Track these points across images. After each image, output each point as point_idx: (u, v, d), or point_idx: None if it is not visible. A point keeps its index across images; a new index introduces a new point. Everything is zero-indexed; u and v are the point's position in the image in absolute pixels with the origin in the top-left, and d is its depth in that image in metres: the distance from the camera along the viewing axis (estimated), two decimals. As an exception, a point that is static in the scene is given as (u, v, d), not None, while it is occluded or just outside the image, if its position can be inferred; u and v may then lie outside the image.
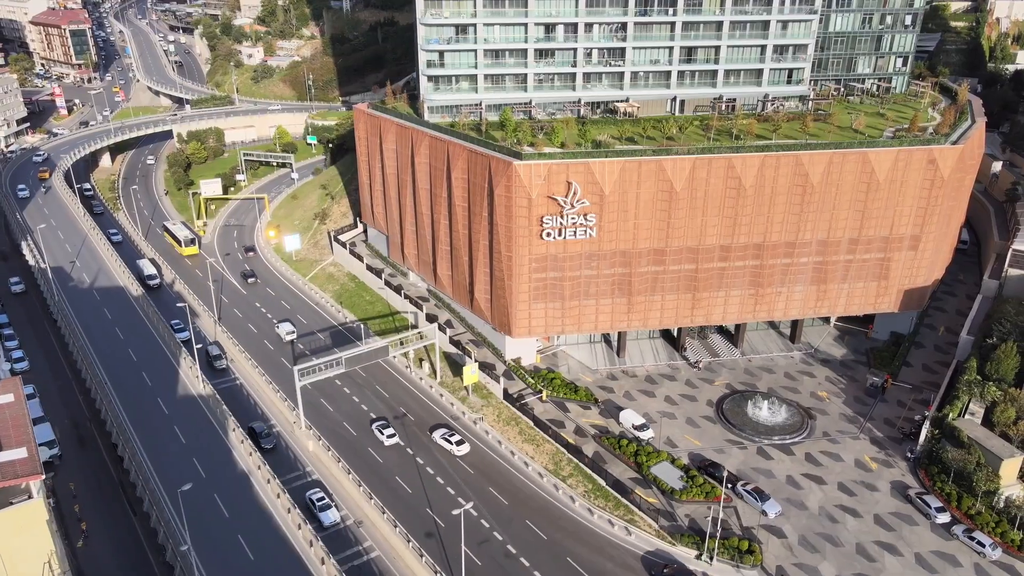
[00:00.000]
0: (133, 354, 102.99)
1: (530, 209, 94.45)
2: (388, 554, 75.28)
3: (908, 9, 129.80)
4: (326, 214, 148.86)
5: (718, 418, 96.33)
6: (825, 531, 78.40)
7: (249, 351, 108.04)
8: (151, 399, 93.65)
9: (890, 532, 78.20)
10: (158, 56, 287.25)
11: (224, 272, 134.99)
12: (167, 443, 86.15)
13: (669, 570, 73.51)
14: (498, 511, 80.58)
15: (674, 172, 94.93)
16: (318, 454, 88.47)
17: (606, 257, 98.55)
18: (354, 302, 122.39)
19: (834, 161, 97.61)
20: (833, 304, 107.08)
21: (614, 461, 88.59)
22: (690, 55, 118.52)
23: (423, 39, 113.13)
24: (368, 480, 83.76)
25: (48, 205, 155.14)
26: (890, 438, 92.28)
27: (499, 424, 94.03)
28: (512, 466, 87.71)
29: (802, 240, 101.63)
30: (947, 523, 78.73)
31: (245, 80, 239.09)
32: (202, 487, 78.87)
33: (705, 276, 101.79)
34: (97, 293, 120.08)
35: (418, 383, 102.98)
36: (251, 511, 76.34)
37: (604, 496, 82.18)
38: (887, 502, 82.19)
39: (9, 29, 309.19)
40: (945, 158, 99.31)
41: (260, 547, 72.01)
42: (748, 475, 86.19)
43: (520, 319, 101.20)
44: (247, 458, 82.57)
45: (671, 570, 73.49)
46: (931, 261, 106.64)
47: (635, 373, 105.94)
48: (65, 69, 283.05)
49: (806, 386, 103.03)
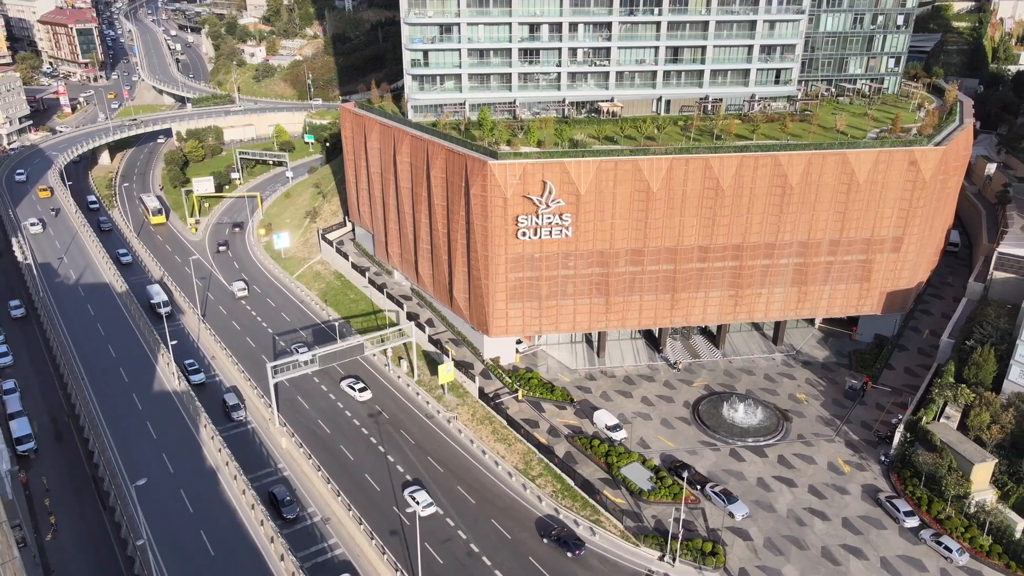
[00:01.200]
0: (112, 350, 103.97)
1: (506, 208, 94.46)
2: (352, 551, 75.57)
3: (900, 9, 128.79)
4: (317, 212, 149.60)
5: (693, 419, 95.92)
6: (792, 534, 77.89)
7: (231, 348, 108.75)
8: (126, 395, 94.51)
9: (857, 536, 77.59)
10: (163, 55, 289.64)
11: (212, 269, 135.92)
12: (138, 438, 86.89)
13: (557, 531, 76.54)
14: (464, 510, 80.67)
15: (651, 172, 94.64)
16: (290, 451, 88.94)
17: (583, 257, 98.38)
18: (339, 300, 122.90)
19: (813, 162, 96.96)
20: (815, 306, 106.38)
21: (585, 461, 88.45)
22: (676, 55, 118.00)
23: (407, 38, 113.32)
24: (337, 477, 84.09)
25: (55, 226, 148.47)
26: (865, 441, 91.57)
27: (473, 423, 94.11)
28: (482, 465, 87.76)
29: (782, 241, 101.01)
30: (915, 527, 78.06)
31: (247, 79, 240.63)
32: (169, 482, 79.60)
33: (684, 277, 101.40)
34: (82, 289, 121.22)
35: (396, 381, 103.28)
36: (215, 506, 76.91)
37: (572, 496, 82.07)
38: (857, 505, 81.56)
39: (19, 28, 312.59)
40: (927, 160, 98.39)
41: (221, 542, 72.54)
42: (719, 477, 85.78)
43: (497, 318, 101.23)
44: (216, 454, 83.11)
45: (559, 532, 76.53)
46: (914, 263, 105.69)
47: (614, 374, 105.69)
48: (72, 68, 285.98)
49: (785, 388, 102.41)
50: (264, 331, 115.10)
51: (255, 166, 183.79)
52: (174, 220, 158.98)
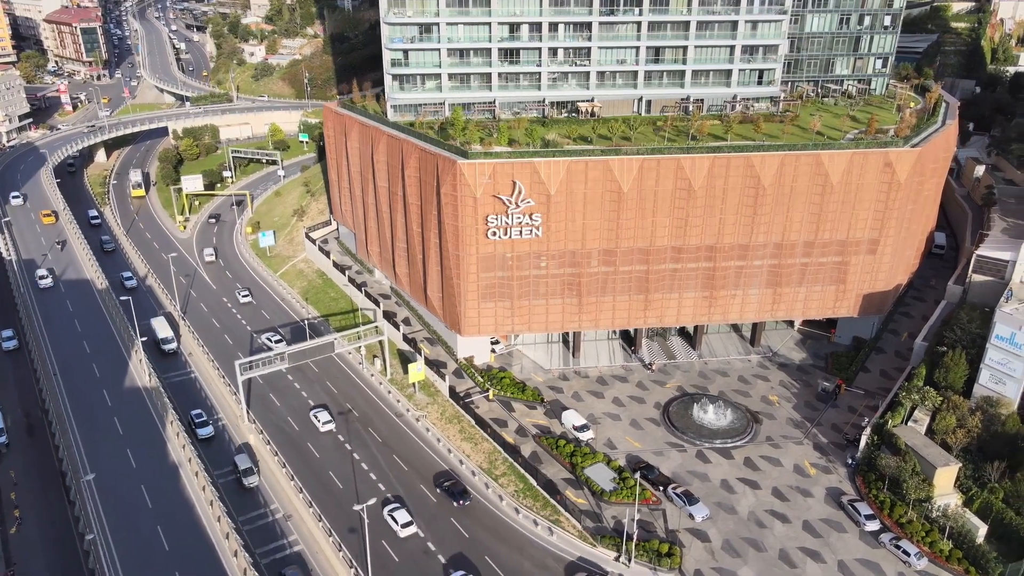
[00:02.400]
0: (87, 346, 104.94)
1: (476, 208, 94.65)
2: (311, 548, 76.03)
3: (887, 10, 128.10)
4: (304, 211, 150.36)
5: (663, 421, 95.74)
6: (751, 536, 77.62)
7: (208, 344, 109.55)
8: (97, 390, 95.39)
9: (817, 539, 77.24)
10: (166, 54, 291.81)
11: (197, 268, 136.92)
12: (105, 434, 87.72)
13: (449, 483, 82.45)
14: (424, 508, 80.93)
15: (621, 172, 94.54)
16: (258, 448, 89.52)
17: (554, 257, 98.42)
18: (319, 298, 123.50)
19: (786, 163, 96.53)
20: (790, 308, 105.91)
21: (551, 461, 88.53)
22: (657, 55, 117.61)
23: (387, 38, 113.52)
24: (301, 474, 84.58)
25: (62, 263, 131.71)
26: (834, 444, 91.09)
27: (441, 422, 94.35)
28: (447, 464, 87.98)
29: (756, 242, 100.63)
30: (876, 531, 77.60)
31: (246, 78, 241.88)
32: (131, 478, 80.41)
33: (657, 277, 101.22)
34: (63, 285, 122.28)
35: (368, 379, 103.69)
36: (174, 502, 77.58)
37: (533, 496, 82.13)
38: (819, 508, 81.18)
39: (25, 27, 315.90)
40: (902, 161, 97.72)
41: (176, 538, 73.20)
42: (683, 478, 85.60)
43: (470, 318, 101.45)
44: (180, 450, 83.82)
45: (451, 484, 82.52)
46: (891, 266, 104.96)
47: (587, 374, 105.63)
48: (76, 66, 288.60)
49: (759, 390, 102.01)
50: (243, 328, 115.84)
51: (248, 165, 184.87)
52: (163, 218, 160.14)
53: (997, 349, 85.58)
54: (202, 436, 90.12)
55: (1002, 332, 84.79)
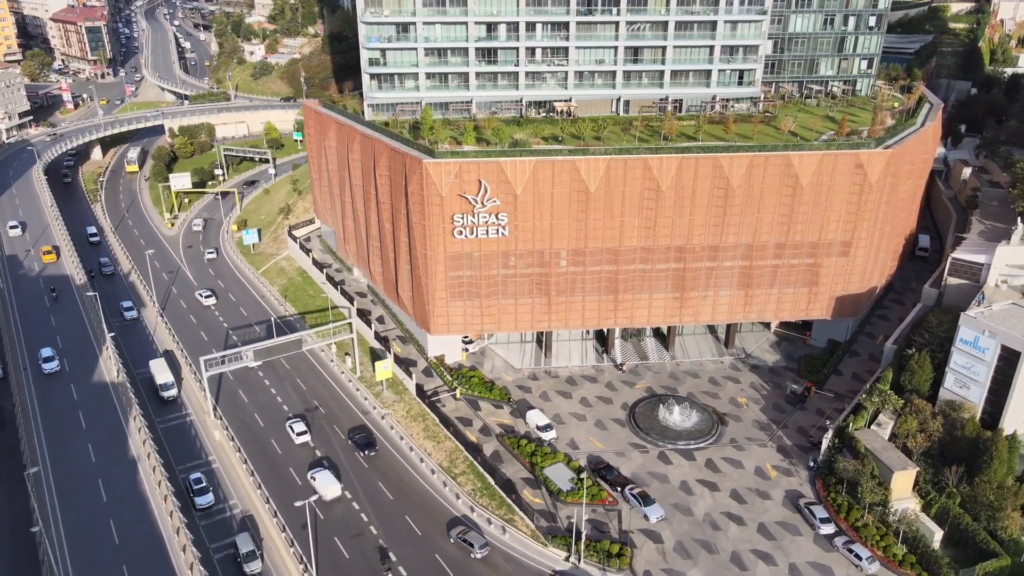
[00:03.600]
0: (60, 340, 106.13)
1: (443, 207, 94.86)
2: (266, 544, 76.49)
3: (872, 10, 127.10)
4: (291, 209, 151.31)
5: (628, 421, 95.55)
6: (705, 538, 77.34)
7: (183, 341, 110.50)
8: (64, 385, 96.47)
9: (771, 541, 76.87)
10: (170, 53, 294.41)
11: (181, 264, 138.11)
12: (68, 427, 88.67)
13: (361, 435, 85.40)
14: (380, 505, 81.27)
15: (588, 173, 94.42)
16: (223, 444, 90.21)
17: (522, 257, 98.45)
18: (297, 296, 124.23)
19: (755, 164, 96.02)
20: (762, 310, 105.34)
21: (512, 461, 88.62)
22: (636, 55, 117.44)
23: (364, 37, 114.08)
24: (262, 471, 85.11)
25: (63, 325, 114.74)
26: (798, 447, 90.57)
27: (406, 420, 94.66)
28: (407, 461, 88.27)
29: (726, 243, 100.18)
30: (831, 534, 77.11)
31: (245, 77, 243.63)
32: (89, 471, 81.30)
33: (626, 278, 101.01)
34: (42, 281, 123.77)
35: (338, 377, 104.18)
36: (129, 496, 78.34)
37: (490, 495, 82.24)
38: (776, 511, 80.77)
39: (33, 26, 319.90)
40: (873, 163, 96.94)
41: (128, 532, 73.93)
42: (642, 479, 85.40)
43: (438, 316, 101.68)
44: (140, 445, 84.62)
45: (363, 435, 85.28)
46: (864, 268, 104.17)
47: (558, 374, 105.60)
48: (81, 64, 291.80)
49: (728, 392, 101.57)
50: (219, 325, 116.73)
51: (241, 163, 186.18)
52: (152, 215, 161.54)
53: (961, 353, 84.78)
54: (201, 506, 79.59)
55: (966, 336, 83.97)
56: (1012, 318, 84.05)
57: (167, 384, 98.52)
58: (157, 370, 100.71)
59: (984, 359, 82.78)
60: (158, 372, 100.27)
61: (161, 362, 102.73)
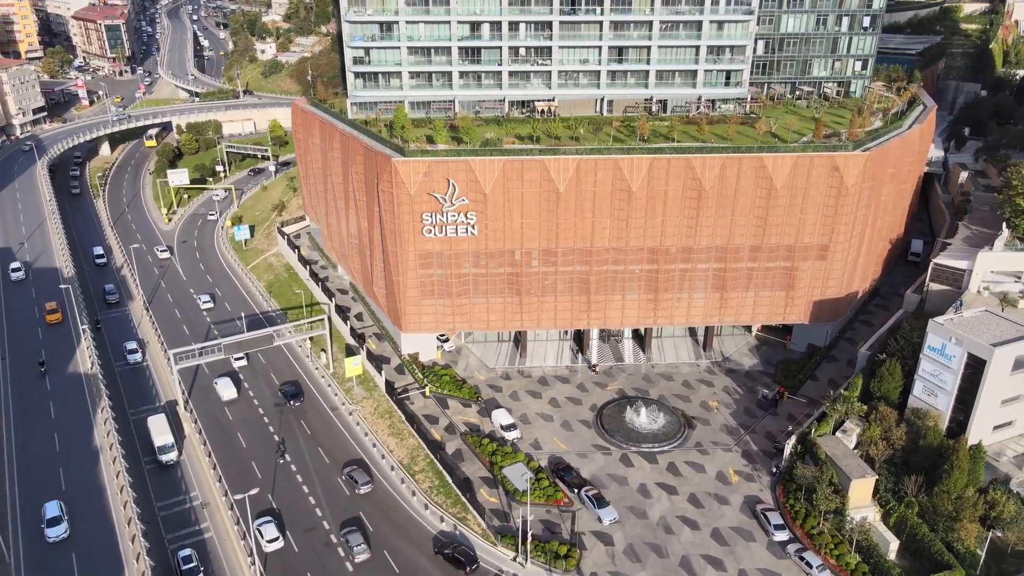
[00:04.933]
0: (40, 332, 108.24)
1: (412, 206, 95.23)
2: (220, 535, 77.39)
3: (866, 11, 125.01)
4: (284, 205, 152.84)
5: (595, 423, 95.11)
6: (656, 541, 76.77)
7: (165, 335, 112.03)
8: (37, 376, 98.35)
9: (723, 547, 76.07)
10: (187, 51, 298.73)
11: (174, 259, 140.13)
12: (37, 417, 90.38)
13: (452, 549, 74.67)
14: (336, 501, 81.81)
15: (557, 173, 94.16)
16: (191, 436, 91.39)
17: (493, 256, 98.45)
18: (282, 292, 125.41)
19: (727, 165, 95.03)
20: (738, 313, 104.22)
21: (473, 459, 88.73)
22: (621, 55, 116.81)
23: (348, 36, 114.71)
24: (224, 464, 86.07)
25: None
26: (764, 452, 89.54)
27: (374, 416, 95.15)
28: (369, 458, 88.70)
29: (699, 245, 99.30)
30: (784, 541, 76.14)
31: (255, 75, 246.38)
32: (52, 460, 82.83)
33: (598, 279, 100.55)
34: (32, 273, 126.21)
35: (312, 372, 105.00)
36: (88, 486, 79.68)
37: (447, 493, 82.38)
38: (733, 516, 79.92)
39: (56, 24, 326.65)
40: (850, 165, 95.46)
41: (81, 521, 75.23)
42: (601, 481, 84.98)
43: (410, 314, 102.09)
44: (103, 437, 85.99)
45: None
46: (843, 272, 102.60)
47: (531, 374, 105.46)
48: (101, 62, 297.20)
49: (701, 395, 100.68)
50: (203, 319, 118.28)
51: (244, 160, 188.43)
52: (152, 210, 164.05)
53: (929, 360, 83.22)
54: None
55: (934, 343, 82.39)
56: (982, 325, 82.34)
57: (166, 446, 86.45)
58: (156, 429, 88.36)
59: (951, 367, 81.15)
60: (157, 432, 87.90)
61: (161, 419, 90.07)
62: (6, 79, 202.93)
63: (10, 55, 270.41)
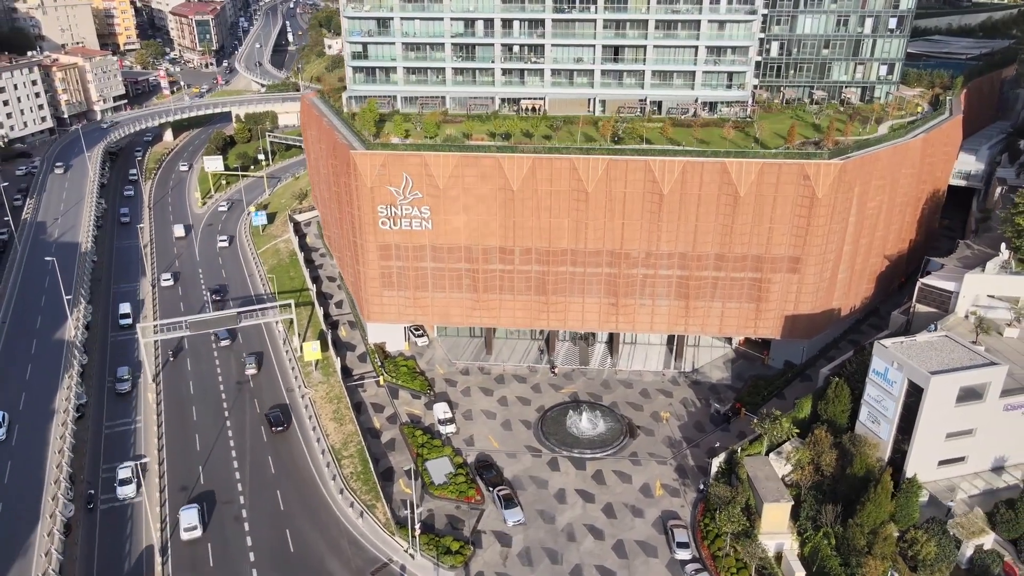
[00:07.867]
0: (43, 298, 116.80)
1: (372, 198, 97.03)
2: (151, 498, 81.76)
3: (892, 12, 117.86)
4: (306, 194, 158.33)
5: (535, 425, 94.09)
6: (555, 548, 75.44)
7: (161, 308, 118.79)
8: (27, 340, 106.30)
9: (621, 560, 73.93)
10: (268, 46, 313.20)
11: (193, 239, 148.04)
12: (10, 377, 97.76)
13: None
14: (261, 477, 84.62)
15: (511, 170, 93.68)
16: (151, 406, 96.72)
17: (449, 251, 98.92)
18: (281, 276, 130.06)
19: (688, 170, 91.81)
20: (704, 323, 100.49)
21: (404, 449, 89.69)
22: (616, 54, 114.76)
23: (346, 31, 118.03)
24: (171, 434, 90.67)
25: None
26: (700, 468, 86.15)
27: (324, 401, 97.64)
28: (305, 440, 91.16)
29: (660, 251, 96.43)
30: (686, 560, 73.20)
31: (321, 69, 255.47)
32: (12, 419, 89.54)
33: (556, 279, 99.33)
34: (55, 246, 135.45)
35: (281, 355, 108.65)
36: (34, 441, 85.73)
37: (364, 480, 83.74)
38: (643, 530, 77.48)
39: (158, 18, 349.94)
40: (821, 175, 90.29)
41: (17, 473, 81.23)
42: (522, 482, 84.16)
43: (372, 304, 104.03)
44: (64, 401, 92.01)
45: None
46: (817, 287, 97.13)
47: (491, 371, 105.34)
48: (191, 55, 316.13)
49: (655, 405, 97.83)
50: (201, 296, 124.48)
51: (289, 149, 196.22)
52: (191, 194, 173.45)
53: (873, 385, 77.78)
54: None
55: (878, 367, 76.90)
56: (932, 351, 76.17)
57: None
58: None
59: (892, 393, 75.59)
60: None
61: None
62: (89, 68, 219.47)
63: (109, 47, 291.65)
